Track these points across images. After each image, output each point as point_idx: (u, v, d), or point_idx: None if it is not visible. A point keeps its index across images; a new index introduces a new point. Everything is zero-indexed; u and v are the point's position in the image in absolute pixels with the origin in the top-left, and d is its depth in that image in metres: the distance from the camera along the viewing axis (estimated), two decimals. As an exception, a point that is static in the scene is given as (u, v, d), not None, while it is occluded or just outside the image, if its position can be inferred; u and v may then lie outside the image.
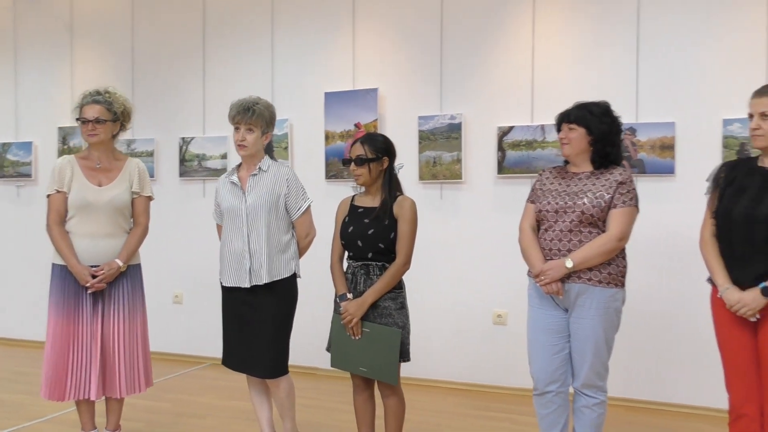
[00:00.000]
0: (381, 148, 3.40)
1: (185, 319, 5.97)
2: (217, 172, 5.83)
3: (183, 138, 5.98)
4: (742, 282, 2.89)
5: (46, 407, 4.63)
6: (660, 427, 4.29)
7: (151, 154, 6.03)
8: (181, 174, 5.99)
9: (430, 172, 5.12)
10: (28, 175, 6.59)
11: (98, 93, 3.70)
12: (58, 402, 3.64)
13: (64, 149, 6.43)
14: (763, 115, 2.87)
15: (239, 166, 3.66)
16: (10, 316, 6.73)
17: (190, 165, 5.96)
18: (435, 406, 4.67)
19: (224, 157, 5.82)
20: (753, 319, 2.87)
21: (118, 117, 3.72)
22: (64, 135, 6.43)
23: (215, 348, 5.79)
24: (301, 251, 3.66)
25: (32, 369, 5.76)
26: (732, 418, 3.02)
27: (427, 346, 5.10)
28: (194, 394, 5.01)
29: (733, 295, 2.89)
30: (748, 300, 2.84)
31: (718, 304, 2.99)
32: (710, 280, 3.06)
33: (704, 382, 4.46)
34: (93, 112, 3.63)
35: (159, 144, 6.08)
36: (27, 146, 6.60)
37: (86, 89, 3.76)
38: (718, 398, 3.48)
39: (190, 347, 5.95)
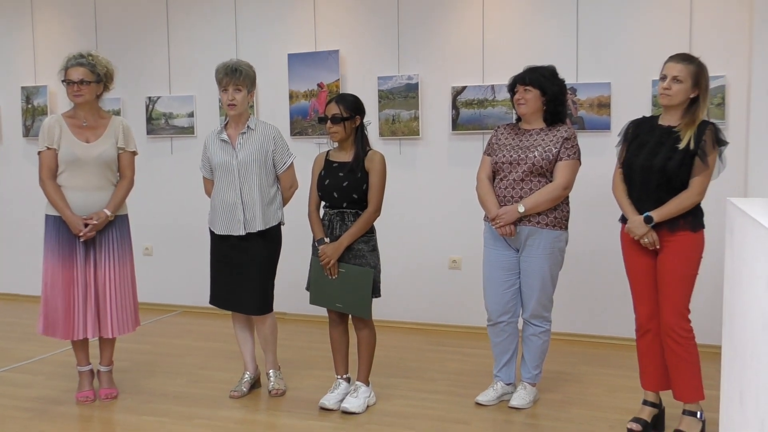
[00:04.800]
0: (353, 107, 3.77)
1: (156, 270, 6.24)
2: (184, 131, 6.08)
3: (149, 97, 6.18)
4: None
5: (29, 350, 4.92)
6: (594, 356, 4.83)
7: (117, 113, 6.21)
8: (149, 132, 6.20)
9: (390, 129, 5.49)
10: (-8, 134, 6.71)
11: (82, 56, 3.91)
12: (54, 341, 3.93)
13: (28, 108, 6.56)
14: (675, 78, 3.31)
15: (226, 124, 3.97)
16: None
17: (157, 123, 6.19)
18: (397, 343, 5.12)
19: (191, 115, 6.06)
20: (651, 248, 3.34)
21: (102, 78, 3.95)
22: (28, 94, 6.54)
23: (185, 296, 6.16)
24: (285, 201, 4.04)
25: None
26: (639, 334, 3.54)
27: (389, 290, 5.50)
28: (171, 337, 5.36)
29: None
30: (631, 228, 3.37)
31: (626, 238, 3.47)
32: (621, 219, 3.52)
33: (630, 317, 4.98)
34: (78, 74, 3.86)
35: (125, 103, 6.27)
36: (-10, 105, 6.70)
37: (70, 53, 3.96)
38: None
39: (161, 296, 6.24)
